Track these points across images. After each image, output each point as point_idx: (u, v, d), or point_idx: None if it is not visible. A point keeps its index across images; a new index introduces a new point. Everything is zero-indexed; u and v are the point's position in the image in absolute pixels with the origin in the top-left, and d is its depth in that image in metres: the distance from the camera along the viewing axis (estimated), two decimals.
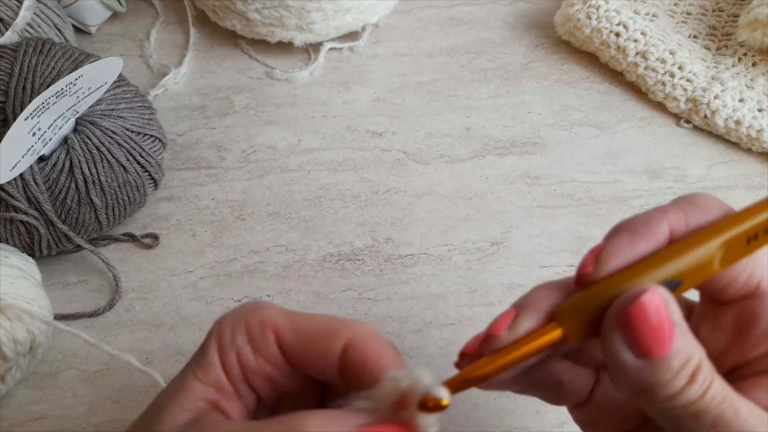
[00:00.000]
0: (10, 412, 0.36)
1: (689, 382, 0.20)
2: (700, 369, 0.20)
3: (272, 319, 0.23)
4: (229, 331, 0.23)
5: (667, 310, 0.20)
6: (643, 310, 0.19)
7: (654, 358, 0.19)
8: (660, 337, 0.19)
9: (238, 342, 0.23)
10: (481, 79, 0.51)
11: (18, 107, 0.36)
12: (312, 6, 0.48)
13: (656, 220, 0.22)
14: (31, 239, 0.38)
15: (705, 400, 0.20)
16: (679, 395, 0.20)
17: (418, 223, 0.44)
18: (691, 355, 0.20)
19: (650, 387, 0.20)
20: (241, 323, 0.23)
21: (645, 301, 0.19)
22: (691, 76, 0.48)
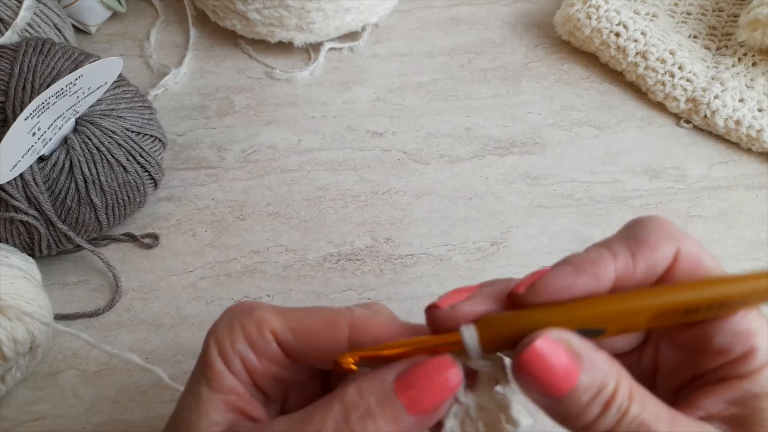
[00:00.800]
0: (10, 412, 0.36)
1: (602, 412, 0.21)
2: (614, 398, 0.20)
3: (267, 321, 0.23)
4: (228, 339, 0.23)
5: (563, 352, 0.20)
6: (536, 355, 0.20)
7: (558, 396, 0.20)
8: (558, 378, 0.20)
9: (240, 348, 0.23)
10: (481, 79, 0.51)
11: (18, 107, 0.36)
12: (312, 6, 0.48)
13: (603, 262, 0.22)
14: (31, 239, 0.38)
15: (621, 427, 0.21)
16: (594, 425, 0.21)
17: (418, 223, 0.44)
18: (603, 386, 0.21)
19: (565, 418, 0.21)
20: (237, 329, 0.23)
21: (537, 348, 0.20)
22: (691, 76, 0.48)
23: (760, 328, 0.22)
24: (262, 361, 0.23)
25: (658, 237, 0.22)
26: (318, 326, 0.23)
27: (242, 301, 0.24)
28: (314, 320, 0.23)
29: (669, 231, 0.23)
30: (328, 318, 0.23)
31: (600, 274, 0.22)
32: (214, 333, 0.23)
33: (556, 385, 0.20)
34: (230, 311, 0.24)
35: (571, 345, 0.21)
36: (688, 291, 0.21)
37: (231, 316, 0.23)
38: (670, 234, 0.23)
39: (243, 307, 0.24)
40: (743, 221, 0.45)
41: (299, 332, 0.23)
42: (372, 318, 0.23)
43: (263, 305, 0.24)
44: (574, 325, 0.21)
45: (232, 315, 0.23)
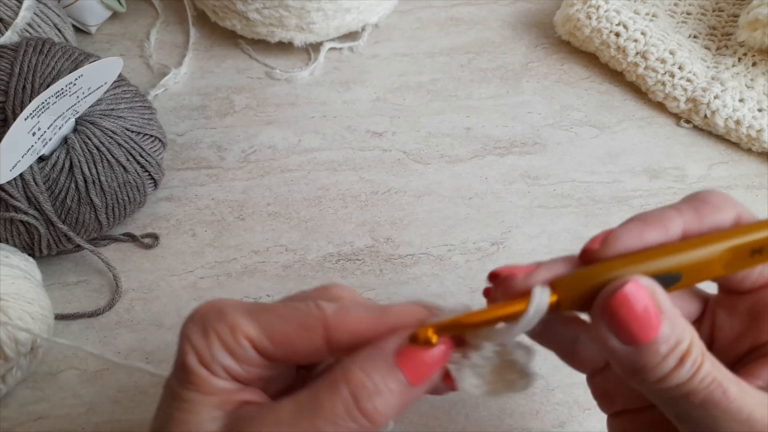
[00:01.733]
0: (10, 412, 0.36)
1: (678, 365, 0.20)
2: (689, 353, 0.21)
3: (241, 326, 0.22)
4: (205, 347, 0.22)
5: (650, 299, 0.20)
6: (625, 299, 0.20)
7: (640, 344, 0.20)
8: (643, 325, 0.20)
9: (218, 356, 0.22)
10: (481, 79, 0.51)
11: (18, 107, 0.36)
12: (312, 6, 0.48)
13: (670, 216, 0.23)
14: (31, 239, 0.38)
15: (694, 382, 0.21)
16: (668, 378, 0.21)
17: (418, 223, 0.44)
18: (680, 340, 0.21)
19: (640, 370, 0.21)
20: (212, 335, 0.22)
21: (627, 292, 0.20)
22: (691, 76, 0.48)
23: None
24: (242, 366, 0.23)
25: (720, 200, 0.23)
26: (294, 332, 0.22)
27: (211, 301, 0.24)
28: (289, 326, 0.22)
29: (729, 197, 0.23)
30: (303, 323, 0.23)
31: (669, 225, 0.22)
32: (188, 340, 0.23)
33: (641, 331, 0.20)
34: (200, 314, 0.23)
35: (656, 294, 0.21)
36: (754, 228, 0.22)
37: (202, 320, 0.23)
38: (731, 201, 0.23)
39: (213, 310, 0.23)
40: None
41: (275, 339, 0.22)
42: (345, 315, 0.23)
43: (232, 305, 0.23)
44: (652, 271, 0.21)
45: (204, 319, 0.23)
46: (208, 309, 0.23)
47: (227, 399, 0.22)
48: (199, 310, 0.23)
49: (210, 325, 0.23)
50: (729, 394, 0.21)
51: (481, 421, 0.36)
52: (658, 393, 0.21)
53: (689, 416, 0.21)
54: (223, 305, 0.23)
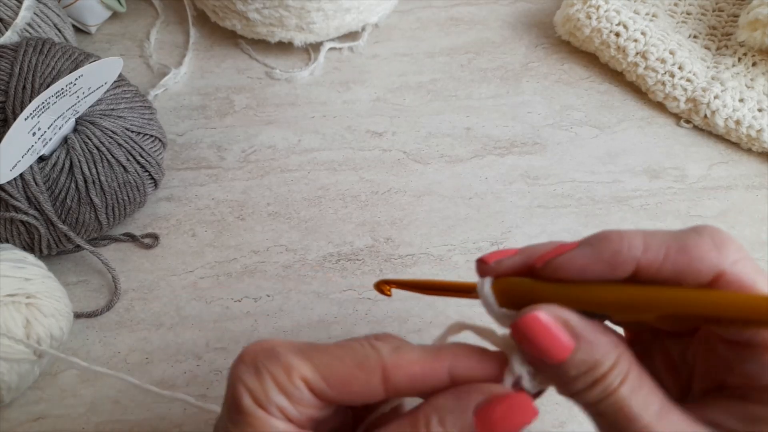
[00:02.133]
0: (10, 412, 0.36)
1: (589, 387, 0.21)
2: (604, 378, 0.21)
3: (296, 368, 0.22)
4: (260, 389, 0.22)
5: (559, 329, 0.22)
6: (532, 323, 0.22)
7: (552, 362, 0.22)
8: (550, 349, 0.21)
9: (274, 398, 0.22)
10: (481, 79, 0.51)
11: (18, 107, 0.36)
12: (312, 6, 0.48)
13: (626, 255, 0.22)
14: (31, 239, 0.38)
15: (601, 406, 0.21)
16: (579, 395, 0.22)
17: (418, 223, 0.44)
18: (595, 365, 0.21)
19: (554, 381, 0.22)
20: (267, 377, 0.22)
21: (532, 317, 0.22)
22: (691, 76, 0.48)
23: None
24: (297, 407, 0.22)
25: (704, 250, 0.21)
26: (350, 373, 0.22)
27: (260, 341, 0.24)
28: (346, 367, 0.22)
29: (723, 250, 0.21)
30: (360, 363, 0.23)
31: (618, 265, 0.22)
32: (241, 381, 0.22)
33: (549, 353, 0.22)
34: (251, 354, 0.23)
35: (569, 323, 0.22)
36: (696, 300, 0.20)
37: (254, 360, 0.23)
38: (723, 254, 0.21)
39: (264, 350, 0.23)
40: (743, 221, 0.45)
41: (332, 381, 0.22)
42: (402, 356, 0.23)
43: (285, 345, 0.23)
44: (577, 306, 0.22)
45: (256, 359, 0.23)
46: (259, 349, 0.23)
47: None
48: (249, 350, 0.23)
49: (263, 365, 0.22)
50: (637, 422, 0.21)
51: None
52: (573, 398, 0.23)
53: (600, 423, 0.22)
54: (275, 345, 0.23)
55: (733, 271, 0.21)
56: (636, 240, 0.22)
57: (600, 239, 0.23)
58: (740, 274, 0.21)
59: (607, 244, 0.22)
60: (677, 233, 0.22)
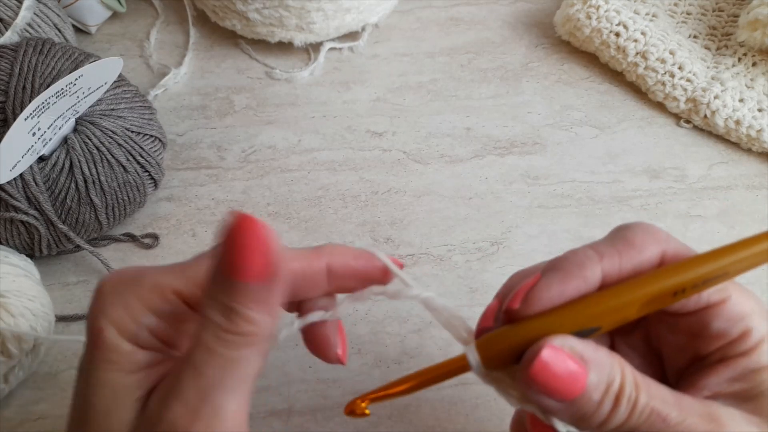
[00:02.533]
0: (10, 412, 0.36)
1: (614, 407, 0.21)
2: (622, 391, 0.21)
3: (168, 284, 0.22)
4: (128, 315, 0.21)
5: (568, 358, 0.21)
6: (545, 366, 0.21)
7: (570, 399, 0.21)
8: (567, 384, 0.21)
9: (145, 321, 0.21)
10: (481, 79, 0.51)
11: (18, 107, 0.36)
12: (312, 6, 0.48)
13: (590, 264, 0.23)
14: (31, 239, 0.38)
15: (633, 419, 0.21)
16: (608, 421, 0.21)
17: (418, 223, 0.44)
18: (611, 381, 0.21)
19: (580, 419, 0.22)
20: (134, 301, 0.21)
21: (545, 358, 0.21)
22: (691, 76, 0.48)
23: (752, 309, 0.23)
24: (175, 323, 0.22)
25: (643, 239, 0.23)
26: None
27: (117, 270, 0.22)
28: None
29: (654, 234, 0.24)
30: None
31: (588, 275, 0.23)
32: (103, 313, 0.21)
33: (568, 390, 0.21)
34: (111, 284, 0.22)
35: (574, 349, 0.21)
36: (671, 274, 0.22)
37: (115, 289, 0.22)
38: (655, 237, 0.24)
39: (125, 278, 0.22)
40: (743, 221, 0.45)
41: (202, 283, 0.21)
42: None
43: (152, 269, 0.22)
44: (571, 328, 0.22)
45: (117, 288, 0.22)
46: (118, 278, 0.22)
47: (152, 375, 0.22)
48: (106, 282, 0.22)
49: (129, 292, 0.21)
50: (669, 420, 0.21)
51: (481, 421, 0.36)
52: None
53: None
54: (138, 270, 0.22)
55: (670, 248, 0.23)
56: (588, 251, 0.23)
57: (560, 261, 0.23)
58: (676, 249, 0.23)
59: (568, 262, 0.23)
60: (611, 237, 0.24)
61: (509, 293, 0.24)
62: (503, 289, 0.25)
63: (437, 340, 0.39)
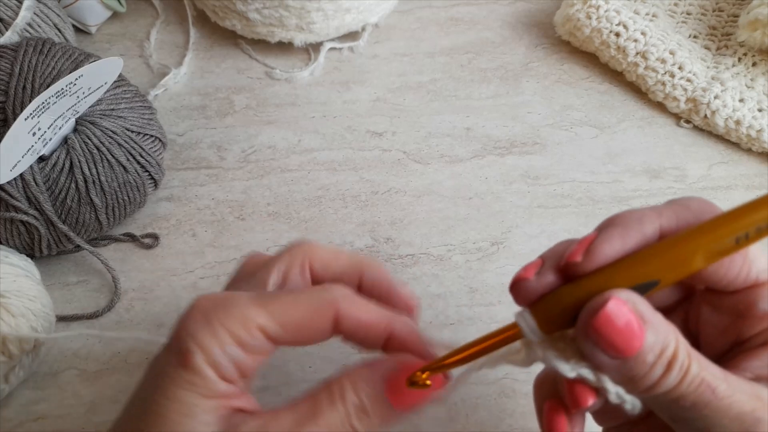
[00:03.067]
0: (10, 412, 0.36)
1: (666, 371, 0.21)
2: (676, 357, 0.21)
3: (253, 318, 0.23)
4: (215, 343, 0.22)
5: (631, 314, 0.21)
6: (607, 318, 0.21)
7: (626, 357, 0.21)
8: (628, 339, 0.21)
9: (230, 351, 0.22)
10: (481, 79, 0.51)
11: (18, 107, 0.36)
12: (312, 6, 0.48)
13: (648, 219, 0.23)
14: (31, 239, 0.38)
15: (683, 387, 0.21)
16: (657, 385, 0.21)
17: (418, 223, 0.44)
18: (665, 346, 0.21)
19: (630, 380, 0.21)
20: (222, 331, 0.22)
21: (608, 310, 0.21)
22: (691, 76, 0.48)
23: None
24: (252, 356, 0.23)
25: (700, 205, 0.23)
26: (307, 317, 0.23)
27: (208, 294, 0.23)
28: (302, 312, 0.23)
29: (710, 205, 0.23)
30: (316, 308, 0.24)
31: (647, 231, 0.22)
32: (192, 337, 0.22)
33: (627, 345, 0.21)
34: (202, 308, 0.23)
35: (636, 306, 0.21)
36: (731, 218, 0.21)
37: (206, 315, 0.23)
38: (712, 208, 0.23)
39: (218, 303, 0.23)
40: None
41: (289, 326, 0.23)
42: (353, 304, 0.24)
43: (239, 297, 0.23)
44: (630, 282, 0.21)
45: (208, 314, 0.23)
46: (211, 302, 0.23)
47: (224, 404, 0.23)
48: (200, 304, 0.23)
49: (218, 320, 0.22)
50: (718, 392, 0.21)
51: (481, 421, 0.36)
52: (650, 399, 0.22)
53: (682, 418, 0.22)
54: (229, 297, 0.23)
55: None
56: (645, 210, 0.23)
57: (618, 218, 0.23)
58: None
59: (626, 217, 0.23)
60: (669, 202, 0.24)
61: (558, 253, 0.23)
62: (550, 250, 0.24)
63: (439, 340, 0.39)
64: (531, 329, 0.22)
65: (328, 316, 0.24)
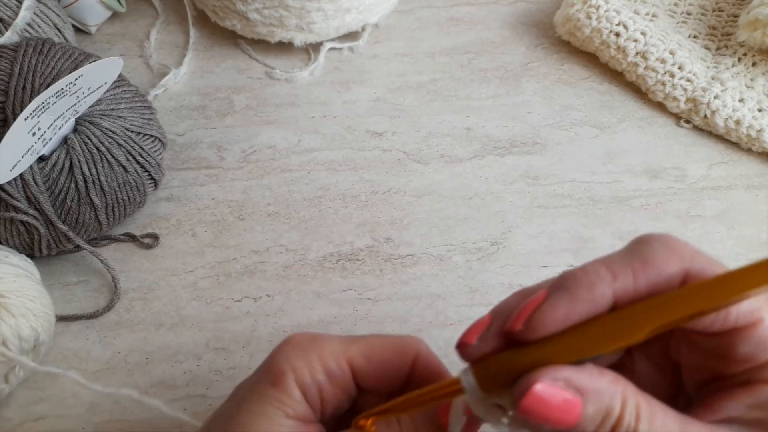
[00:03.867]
0: (10, 412, 0.36)
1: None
2: (621, 421, 0.21)
3: (343, 351, 0.25)
4: (307, 369, 0.24)
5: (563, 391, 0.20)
6: (538, 399, 0.20)
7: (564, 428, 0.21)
8: (563, 415, 0.20)
9: (320, 379, 0.24)
10: (481, 79, 0.51)
11: (18, 107, 0.36)
12: (312, 6, 0.48)
13: (600, 285, 0.21)
14: (31, 239, 0.38)
15: None
16: None
17: (418, 223, 0.44)
18: (609, 412, 0.21)
19: None
20: (315, 359, 0.24)
21: (536, 392, 0.20)
22: (691, 76, 0.48)
23: None
24: (336, 390, 0.25)
25: (664, 257, 0.21)
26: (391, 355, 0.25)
27: (303, 331, 0.26)
28: (387, 349, 0.25)
29: (677, 250, 0.21)
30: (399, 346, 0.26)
31: (598, 298, 0.21)
32: (288, 361, 0.24)
33: (562, 420, 0.20)
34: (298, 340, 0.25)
35: (570, 381, 0.20)
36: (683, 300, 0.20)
37: (302, 346, 0.25)
38: (679, 254, 0.21)
39: (313, 337, 0.25)
40: (743, 221, 0.45)
41: (373, 360, 0.25)
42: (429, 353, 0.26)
43: (330, 335, 0.26)
44: (574, 356, 0.21)
45: (304, 345, 0.25)
46: (307, 337, 0.25)
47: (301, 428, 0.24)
48: (297, 338, 0.25)
49: (312, 350, 0.25)
50: None
51: None
52: None
53: None
54: (320, 334, 0.26)
55: (695, 267, 0.21)
56: (600, 269, 0.22)
57: (567, 280, 0.22)
58: (703, 267, 0.21)
59: (577, 282, 0.21)
60: (628, 251, 0.22)
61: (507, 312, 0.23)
62: (501, 306, 0.24)
63: (437, 341, 0.39)
64: (471, 388, 0.22)
65: (410, 355, 0.26)
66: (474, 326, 0.23)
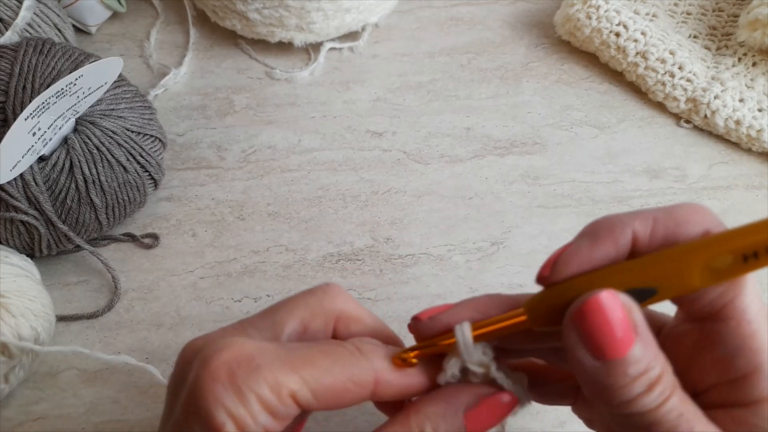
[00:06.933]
0: (10, 412, 0.36)
1: (646, 391, 0.19)
2: (659, 381, 0.20)
3: (284, 384, 0.21)
4: (246, 413, 0.20)
5: (624, 314, 0.19)
6: (599, 307, 0.19)
7: (609, 360, 0.19)
8: (614, 338, 0.19)
9: (262, 421, 0.21)
10: (481, 79, 0.51)
11: (18, 107, 0.36)
12: (312, 6, 0.48)
13: (620, 227, 0.21)
14: (31, 239, 0.38)
15: (660, 412, 0.20)
16: (634, 402, 0.20)
17: (418, 223, 0.44)
18: (651, 367, 0.20)
19: (606, 390, 0.20)
20: (252, 399, 0.20)
21: (602, 300, 0.19)
22: (691, 76, 0.48)
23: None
24: (282, 422, 0.21)
25: (686, 214, 0.21)
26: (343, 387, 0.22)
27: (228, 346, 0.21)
28: (337, 381, 0.22)
29: (700, 212, 0.21)
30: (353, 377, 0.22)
31: (618, 238, 0.21)
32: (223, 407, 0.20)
33: (611, 345, 0.19)
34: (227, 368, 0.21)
35: (630, 309, 0.20)
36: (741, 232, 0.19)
37: (232, 377, 0.20)
38: (701, 215, 0.21)
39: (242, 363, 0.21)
40: (743, 221, 0.44)
41: (322, 396, 0.21)
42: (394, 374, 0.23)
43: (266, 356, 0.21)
44: (623, 285, 0.20)
45: (234, 377, 0.20)
46: (235, 362, 0.21)
47: None
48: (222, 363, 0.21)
49: (246, 385, 0.20)
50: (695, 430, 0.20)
51: None
52: (622, 418, 0.20)
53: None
54: (253, 356, 0.21)
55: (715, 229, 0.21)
56: (624, 214, 0.22)
57: (592, 225, 0.22)
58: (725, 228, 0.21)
59: (599, 225, 0.22)
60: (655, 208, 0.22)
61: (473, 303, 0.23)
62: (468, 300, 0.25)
63: None
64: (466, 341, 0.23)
65: (367, 387, 0.22)
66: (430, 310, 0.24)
